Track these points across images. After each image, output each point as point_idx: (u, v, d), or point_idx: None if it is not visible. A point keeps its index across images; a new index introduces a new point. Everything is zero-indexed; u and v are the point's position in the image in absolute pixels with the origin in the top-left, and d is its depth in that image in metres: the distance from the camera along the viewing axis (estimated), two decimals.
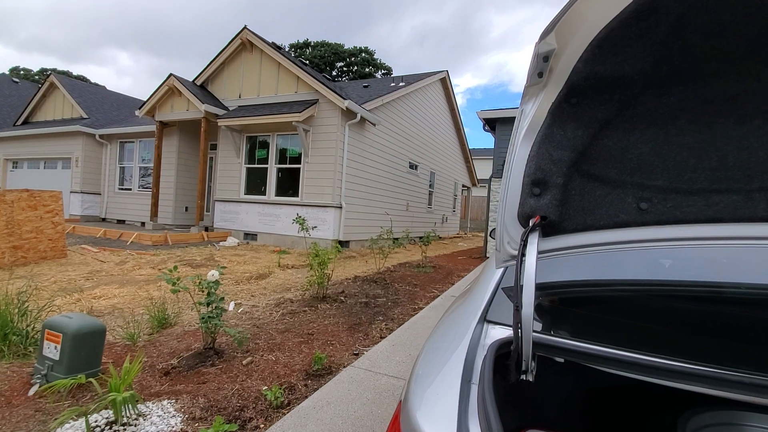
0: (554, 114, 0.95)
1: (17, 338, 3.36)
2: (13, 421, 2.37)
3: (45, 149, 15.73)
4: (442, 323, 1.22)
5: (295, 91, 10.77)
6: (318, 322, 4.18)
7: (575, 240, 1.06)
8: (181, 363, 3.09)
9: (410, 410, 0.76)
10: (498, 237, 1.08)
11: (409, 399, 0.80)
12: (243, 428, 2.32)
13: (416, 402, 0.77)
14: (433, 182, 16.17)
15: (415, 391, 0.82)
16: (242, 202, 11.22)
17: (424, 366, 0.94)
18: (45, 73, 43.62)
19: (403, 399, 0.85)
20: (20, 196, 6.97)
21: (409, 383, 0.89)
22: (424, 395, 0.79)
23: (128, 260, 7.52)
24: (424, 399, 0.78)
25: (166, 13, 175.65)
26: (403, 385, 2.72)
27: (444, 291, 5.87)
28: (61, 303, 4.63)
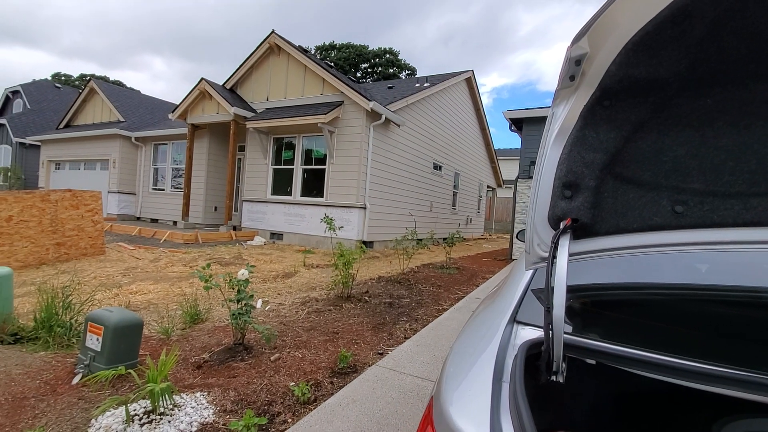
0: (586, 117, 0.95)
1: (61, 330, 3.57)
2: (57, 408, 2.52)
3: (85, 151, 16.55)
4: (472, 323, 1.23)
5: (320, 93, 10.93)
6: (343, 321, 4.23)
7: (607, 243, 1.06)
8: (212, 357, 3.20)
9: (443, 406, 0.77)
10: (528, 239, 1.08)
11: (441, 396, 0.82)
12: (272, 422, 2.38)
13: (449, 399, 0.79)
14: (458, 183, 16.05)
15: (447, 389, 0.84)
16: (269, 202, 11.47)
17: (455, 364, 0.95)
18: (85, 78, 45.94)
19: (435, 395, 0.86)
20: (63, 195, 7.38)
21: (440, 381, 0.91)
22: (456, 392, 0.81)
23: (162, 258, 7.82)
24: (457, 396, 0.79)
25: (199, 20, 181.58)
26: (428, 386, 2.73)
27: (468, 293, 5.83)
28: (101, 297, 4.87)
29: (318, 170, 10.75)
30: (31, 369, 2.96)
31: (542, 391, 0.87)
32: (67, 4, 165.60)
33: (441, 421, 0.75)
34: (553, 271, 0.89)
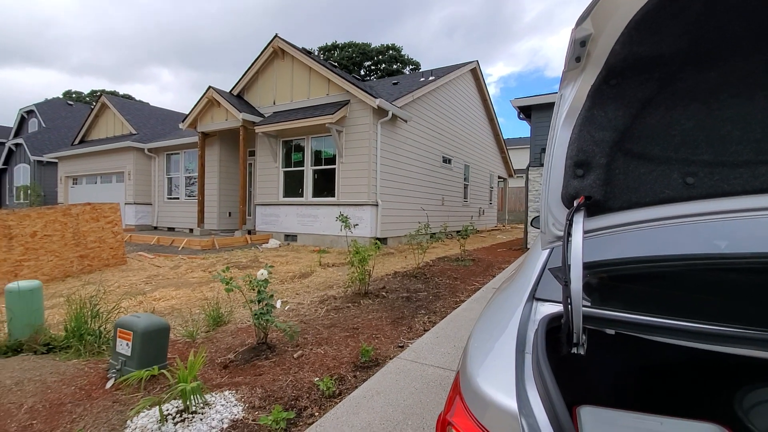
0: (594, 96, 0.98)
1: (91, 338, 3.69)
2: (94, 412, 2.62)
3: (101, 165, 16.94)
4: (493, 302, 1.26)
5: (326, 93, 10.98)
6: (362, 317, 4.28)
7: (621, 218, 1.08)
8: (237, 357, 3.27)
9: (470, 378, 0.80)
10: (543, 219, 1.10)
11: (467, 368, 0.84)
12: (299, 416, 2.44)
13: (475, 370, 0.82)
14: (468, 175, 15.97)
15: (472, 362, 0.86)
16: (281, 204, 11.59)
17: (479, 340, 0.98)
18: (95, 94, 46.94)
19: (461, 369, 0.89)
20: (84, 209, 7.58)
21: (465, 355, 0.94)
22: (481, 364, 0.84)
23: (181, 264, 7.99)
24: (482, 368, 0.82)
25: (202, 28, 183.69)
26: (450, 375, 2.75)
27: (485, 283, 5.82)
28: (127, 305, 5.00)
29: (328, 170, 10.82)
30: (66, 376, 3.08)
31: (564, 365, 0.89)
32: (74, 22, 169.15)
33: (469, 391, 0.78)
34: (569, 248, 0.91)
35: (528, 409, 0.68)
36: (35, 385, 2.91)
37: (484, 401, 0.73)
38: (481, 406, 0.74)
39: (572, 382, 0.94)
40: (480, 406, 0.74)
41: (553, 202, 1.06)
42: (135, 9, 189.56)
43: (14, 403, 2.69)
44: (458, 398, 0.81)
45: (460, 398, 0.80)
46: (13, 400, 2.73)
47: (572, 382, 0.95)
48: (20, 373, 3.07)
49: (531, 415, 0.67)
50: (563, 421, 0.62)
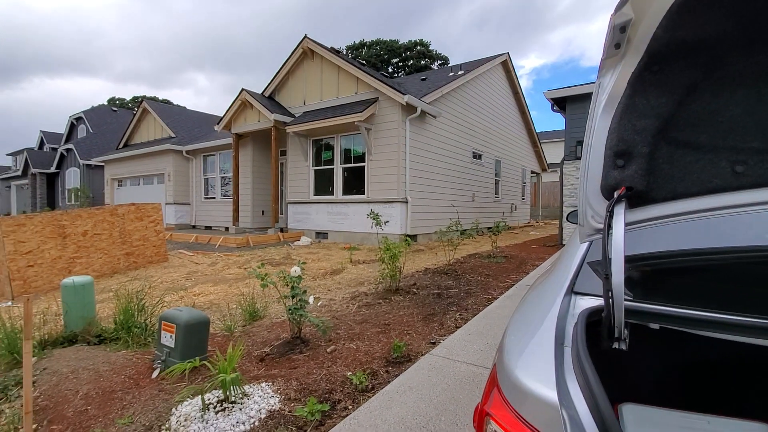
0: (635, 84, 0.94)
1: (138, 330, 3.90)
2: (142, 400, 2.78)
3: (142, 167, 17.83)
4: (529, 296, 1.23)
5: (355, 91, 11.06)
6: (393, 313, 4.29)
7: (665, 209, 1.03)
8: (273, 351, 3.37)
9: (508, 370, 0.79)
10: (581, 212, 1.07)
11: (505, 361, 0.84)
12: (334, 408, 2.49)
13: (513, 363, 0.81)
14: (499, 170, 15.65)
15: (510, 354, 0.85)
16: (312, 203, 11.80)
17: (516, 333, 0.97)
18: (137, 100, 49.39)
19: (498, 362, 0.88)
20: (129, 209, 8.01)
21: (502, 348, 0.93)
22: (520, 357, 0.83)
23: (218, 262, 8.29)
24: (521, 359, 0.81)
25: (235, 33, 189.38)
26: (484, 373, 2.72)
27: (518, 280, 5.70)
28: (169, 300, 5.26)
29: (358, 168, 10.90)
30: (116, 366, 3.27)
31: (604, 360, 0.87)
32: (116, 32, 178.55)
33: (507, 382, 0.77)
34: (609, 241, 0.88)
35: (568, 401, 0.67)
36: (89, 373, 3.11)
37: (522, 392, 0.72)
38: (520, 398, 0.73)
39: (613, 379, 0.92)
40: (518, 397, 0.73)
41: (591, 193, 1.03)
42: (171, 16, 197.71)
43: (71, 390, 2.89)
44: (496, 390, 0.80)
45: (497, 390, 0.80)
46: (69, 387, 2.93)
47: (613, 378, 0.92)
48: (75, 362, 3.29)
49: (572, 407, 0.65)
50: (606, 414, 0.61)
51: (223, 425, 2.30)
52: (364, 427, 2.23)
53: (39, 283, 6.51)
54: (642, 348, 1.00)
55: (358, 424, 2.26)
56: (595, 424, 0.61)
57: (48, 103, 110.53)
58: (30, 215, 6.85)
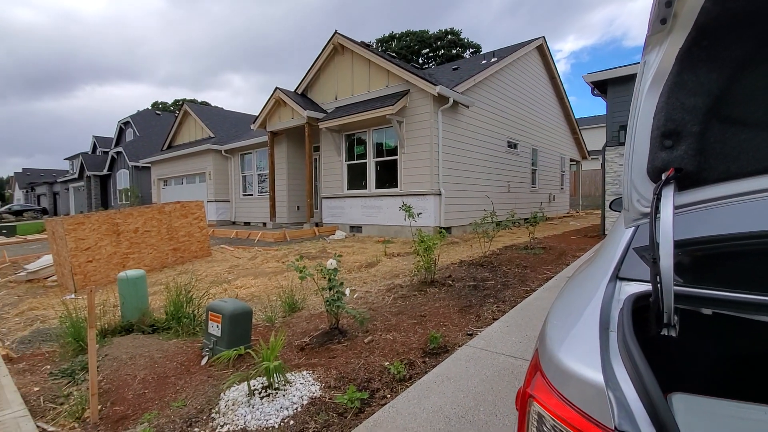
0: (683, 60, 0.89)
1: (187, 320, 4.14)
2: (193, 385, 2.95)
3: (185, 167, 18.69)
4: (572, 282, 1.21)
5: (386, 84, 11.04)
6: (429, 305, 4.30)
7: (718, 191, 0.98)
8: (312, 341, 3.47)
9: (552, 354, 0.78)
10: (626, 196, 1.03)
11: (548, 345, 0.83)
12: (372, 397, 2.54)
13: (556, 347, 0.80)
14: (536, 159, 15.17)
15: (553, 339, 0.84)
16: (346, 197, 11.94)
17: (558, 318, 0.95)
18: (178, 103, 51.71)
19: (540, 347, 0.87)
20: (174, 207, 8.45)
21: (545, 333, 0.91)
22: (563, 340, 0.82)
23: (257, 256, 8.60)
24: (564, 343, 0.80)
25: (269, 33, 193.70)
26: (523, 365, 2.69)
27: (558, 272, 5.54)
28: (214, 292, 5.52)
29: (390, 161, 10.91)
30: (168, 353, 3.49)
31: (652, 348, 0.84)
32: (159, 39, 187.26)
33: (550, 366, 0.77)
34: (657, 225, 0.85)
35: (615, 384, 0.65)
36: (145, 360, 3.34)
37: (566, 375, 0.72)
38: (564, 380, 0.72)
39: (660, 367, 0.89)
40: (562, 379, 0.72)
41: (637, 177, 0.99)
42: (209, 20, 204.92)
43: (129, 375, 3.12)
44: (538, 374, 0.80)
45: (540, 373, 0.79)
46: (128, 372, 3.16)
47: (660, 366, 0.89)
48: (132, 349, 3.54)
49: (618, 390, 0.64)
50: (656, 399, 0.59)
51: (268, 410, 2.41)
52: (403, 415, 2.26)
53: (97, 277, 7.01)
54: (693, 335, 0.95)
55: (396, 412, 2.30)
56: (644, 408, 0.60)
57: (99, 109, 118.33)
58: (87, 214, 7.38)
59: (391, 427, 2.16)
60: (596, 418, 0.63)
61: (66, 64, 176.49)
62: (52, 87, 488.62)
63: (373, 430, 2.14)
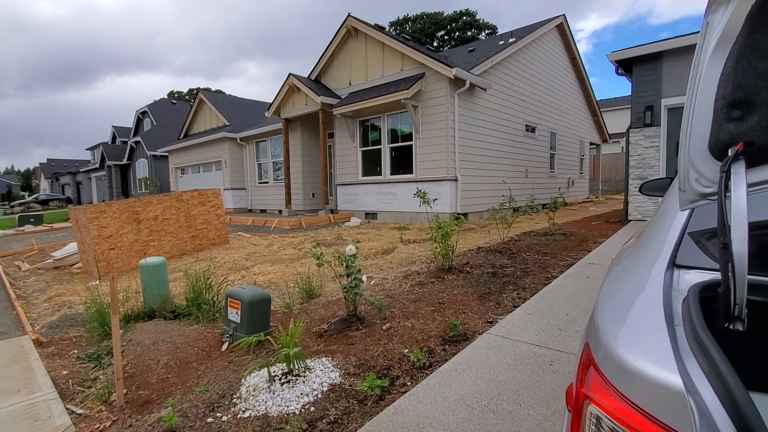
0: (756, 18, 0.78)
1: (206, 306, 4.19)
2: (214, 370, 2.98)
3: (201, 156, 18.87)
4: (618, 270, 1.12)
5: (400, 68, 10.83)
6: (447, 292, 4.24)
7: None
8: (330, 327, 3.47)
9: (608, 347, 0.71)
10: (682, 175, 0.94)
11: (602, 338, 0.76)
12: (393, 384, 2.51)
13: (614, 342, 0.72)
14: (555, 143, 14.78)
15: (609, 331, 0.77)
16: (360, 183, 11.88)
17: (612, 310, 0.87)
18: (193, 92, 52.09)
19: (592, 339, 0.80)
20: (192, 195, 8.54)
21: (596, 325, 0.84)
22: (625, 335, 0.74)
23: (274, 243, 8.66)
24: (627, 338, 0.73)
25: (283, 19, 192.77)
26: (546, 354, 2.62)
27: (580, 258, 5.40)
28: (233, 279, 5.57)
29: (405, 147, 10.78)
30: (189, 339, 3.54)
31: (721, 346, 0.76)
32: (175, 28, 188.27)
33: (609, 364, 0.70)
34: (727, 205, 0.75)
35: (692, 387, 0.58)
36: (167, 345, 3.39)
37: (631, 374, 0.64)
38: (627, 380, 0.65)
39: None
40: (625, 379, 0.65)
41: (696, 153, 0.89)
42: (223, 8, 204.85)
43: (153, 360, 3.17)
44: (593, 371, 0.73)
45: (595, 371, 0.72)
46: (152, 357, 3.22)
47: None
48: (155, 335, 3.60)
49: (696, 394, 0.57)
50: (743, 403, 0.52)
51: (288, 396, 2.41)
52: (424, 403, 2.23)
53: (120, 264, 7.17)
54: (763, 329, 0.86)
55: (417, 400, 2.27)
56: (727, 414, 0.53)
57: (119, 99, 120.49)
58: (109, 203, 7.52)
59: (412, 415, 2.13)
60: (671, 425, 0.56)
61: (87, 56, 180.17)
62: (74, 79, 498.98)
63: (395, 419, 2.12)
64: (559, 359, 2.64)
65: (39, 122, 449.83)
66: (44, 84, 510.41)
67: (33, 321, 4.63)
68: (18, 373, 3.00)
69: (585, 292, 3.96)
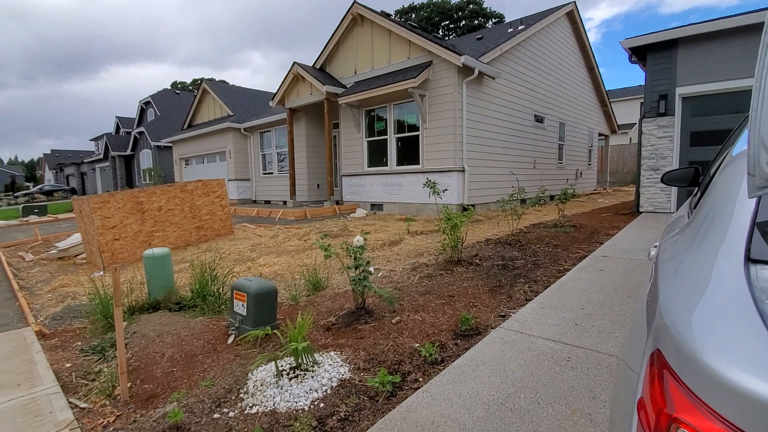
0: None
1: (212, 298, 4.11)
2: (220, 364, 2.91)
3: (206, 146, 18.77)
4: (677, 267, 1.00)
5: (407, 57, 10.62)
6: (456, 285, 4.14)
7: None
8: (338, 320, 3.38)
9: (699, 359, 0.60)
10: (752, 159, 0.82)
11: (684, 347, 0.64)
12: (404, 380, 2.43)
13: (704, 350, 0.61)
14: (563, 134, 14.53)
15: (690, 338, 0.65)
16: (366, 174, 11.75)
17: (687, 312, 0.76)
18: (197, 82, 51.84)
19: (669, 348, 0.69)
20: (196, 185, 8.45)
21: (671, 330, 0.72)
22: (715, 344, 0.63)
23: (279, 234, 8.58)
24: (719, 348, 0.61)
25: (287, 9, 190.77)
26: (563, 349, 2.52)
27: (592, 251, 5.27)
28: (238, 270, 5.50)
29: (411, 137, 10.61)
30: (195, 331, 3.46)
31: None
32: (179, 18, 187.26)
33: (701, 380, 0.58)
34: None
35: None
36: (172, 337, 3.32)
37: (738, 395, 0.53)
38: (732, 401, 0.53)
39: None
40: (729, 400, 0.54)
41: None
42: None
43: (158, 353, 3.10)
44: (673, 385, 0.62)
45: (677, 384, 0.61)
46: (156, 350, 3.15)
47: None
48: (160, 327, 3.53)
49: None
50: None
51: (297, 391, 2.33)
52: (438, 401, 2.14)
53: (124, 255, 7.13)
54: None
55: (431, 397, 2.18)
56: None
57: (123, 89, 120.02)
58: (112, 193, 7.45)
59: (426, 413, 2.05)
60: None
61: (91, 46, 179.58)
62: (78, 69, 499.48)
63: (408, 417, 2.03)
64: (577, 355, 2.54)
65: (43, 113, 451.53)
66: (48, 74, 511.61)
67: (36, 312, 4.59)
68: (19, 367, 2.94)
69: (599, 285, 3.85)
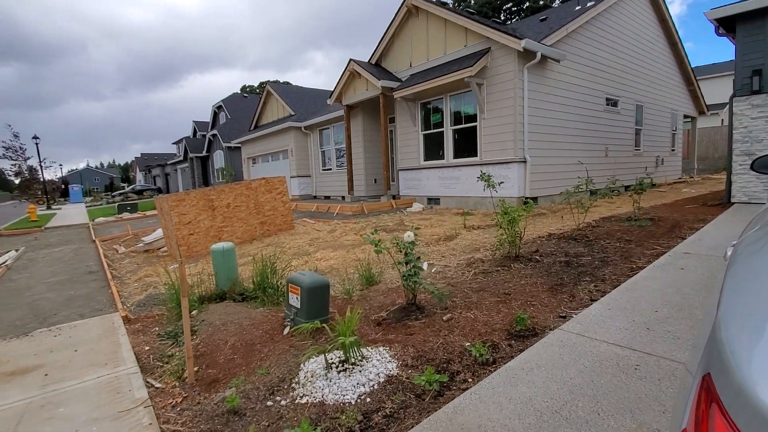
0: None
1: (271, 290, 4.32)
2: (276, 353, 3.04)
3: (270, 145, 19.80)
4: (746, 273, 0.85)
5: (464, 44, 10.30)
6: (513, 282, 3.95)
7: None
8: (389, 316, 3.38)
9: (754, 391, 0.49)
10: None
11: (738, 374, 0.52)
12: (452, 380, 2.36)
13: (764, 381, 0.50)
14: (641, 117, 13.22)
15: (750, 366, 0.53)
16: (422, 168, 11.64)
17: (749, 330, 0.62)
18: (262, 85, 54.77)
19: (718, 371, 0.57)
20: (260, 183, 8.94)
21: (725, 352, 0.60)
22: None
23: (336, 229, 8.80)
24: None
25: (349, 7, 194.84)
26: (630, 356, 2.32)
27: (672, 247, 4.74)
28: (296, 264, 5.73)
29: (469, 129, 10.30)
30: (255, 321, 3.66)
31: None
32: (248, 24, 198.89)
33: (748, 411, 0.47)
34: None
35: None
36: (235, 326, 3.54)
37: None
38: None
39: None
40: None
41: None
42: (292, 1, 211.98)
43: (222, 340, 3.32)
44: (719, 419, 0.50)
45: (723, 419, 0.50)
46: (221, 337, 3.37)
47: None
48: (225, 316, 3.78)
49: None
50: None
51: (344, 385, 2.36)
52: (487, 404, 2.05)
53: (198, 248, 7.75)
54: None
55: (479, 399, 2.09)
56: None
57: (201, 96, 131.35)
58: (187, 192, 8.12)
59: (473, 416, 1.97)
60: None
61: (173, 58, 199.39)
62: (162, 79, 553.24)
63: (454, 418, 1.97)
64: (647, 363, 2.29)
65: (134, 120, 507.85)
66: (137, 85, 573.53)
67: (124, 299, 5.14)
68: (107, 347, 3.32)
69: (678, 286, 3.45)
